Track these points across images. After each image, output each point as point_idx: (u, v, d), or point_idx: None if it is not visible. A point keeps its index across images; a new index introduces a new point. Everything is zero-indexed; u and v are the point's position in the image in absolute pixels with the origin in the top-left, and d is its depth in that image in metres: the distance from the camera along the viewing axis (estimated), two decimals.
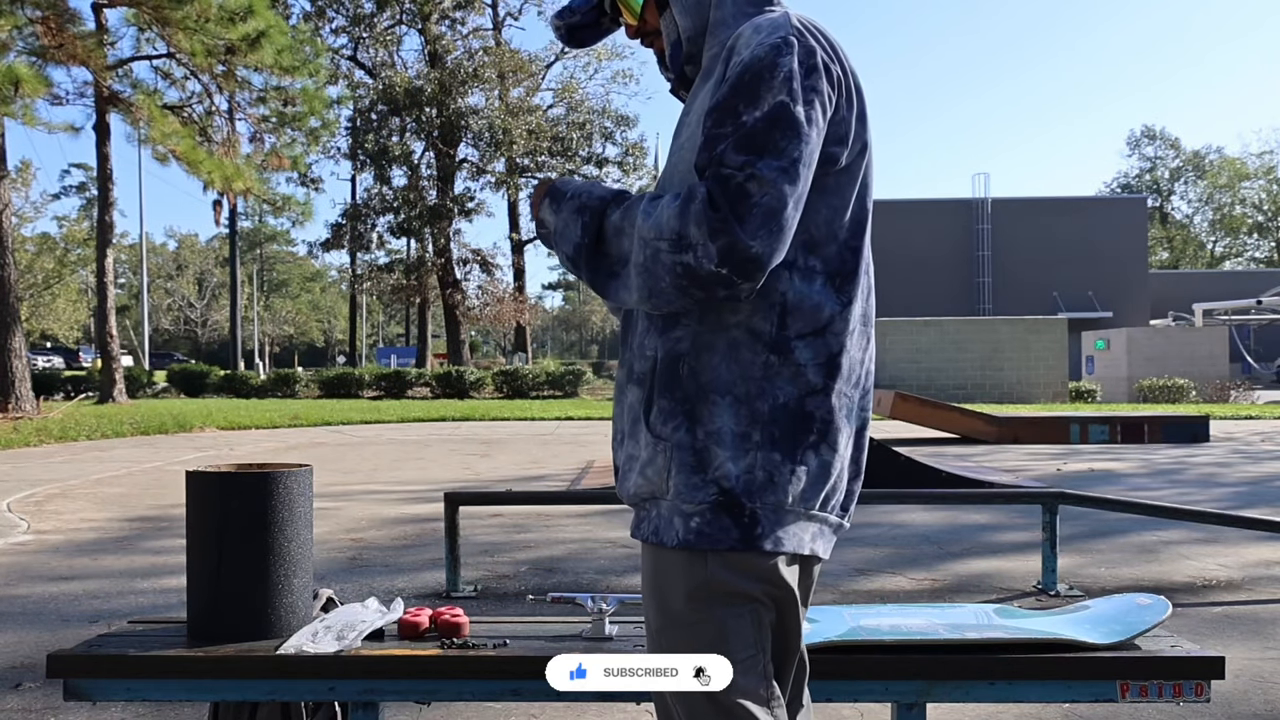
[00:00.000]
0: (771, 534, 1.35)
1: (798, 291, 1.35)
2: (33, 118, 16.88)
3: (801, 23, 1.35)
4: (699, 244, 1.24)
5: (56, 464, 10.83)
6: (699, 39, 1.47)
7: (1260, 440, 13.44)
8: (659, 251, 1.27)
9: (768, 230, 1.24)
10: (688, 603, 1.37)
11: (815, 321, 1.36)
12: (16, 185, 42.15)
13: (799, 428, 1.35)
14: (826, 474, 1.38)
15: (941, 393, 24.86)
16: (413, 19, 36.03)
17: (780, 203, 1.24)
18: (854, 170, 1.38)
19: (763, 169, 1.25)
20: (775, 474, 1.34)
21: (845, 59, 1.39)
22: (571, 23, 1.63)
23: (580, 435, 15.17)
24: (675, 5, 1.47)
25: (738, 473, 1.34)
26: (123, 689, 1.95)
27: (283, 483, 2.03)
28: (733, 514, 1.34)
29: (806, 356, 1.36)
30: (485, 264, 36.85)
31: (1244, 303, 37.23)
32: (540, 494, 4.71)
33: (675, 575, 1.38)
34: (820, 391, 1.36)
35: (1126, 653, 1.93)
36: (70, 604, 4.48)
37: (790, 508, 1.35)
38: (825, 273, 1.37)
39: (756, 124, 1.27)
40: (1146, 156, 74.56)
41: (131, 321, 60.70)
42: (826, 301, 1.37)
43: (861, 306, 1.42)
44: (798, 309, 1.35)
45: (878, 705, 3.03)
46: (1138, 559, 5.38)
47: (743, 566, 1.36)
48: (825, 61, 1.33)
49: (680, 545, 1.36)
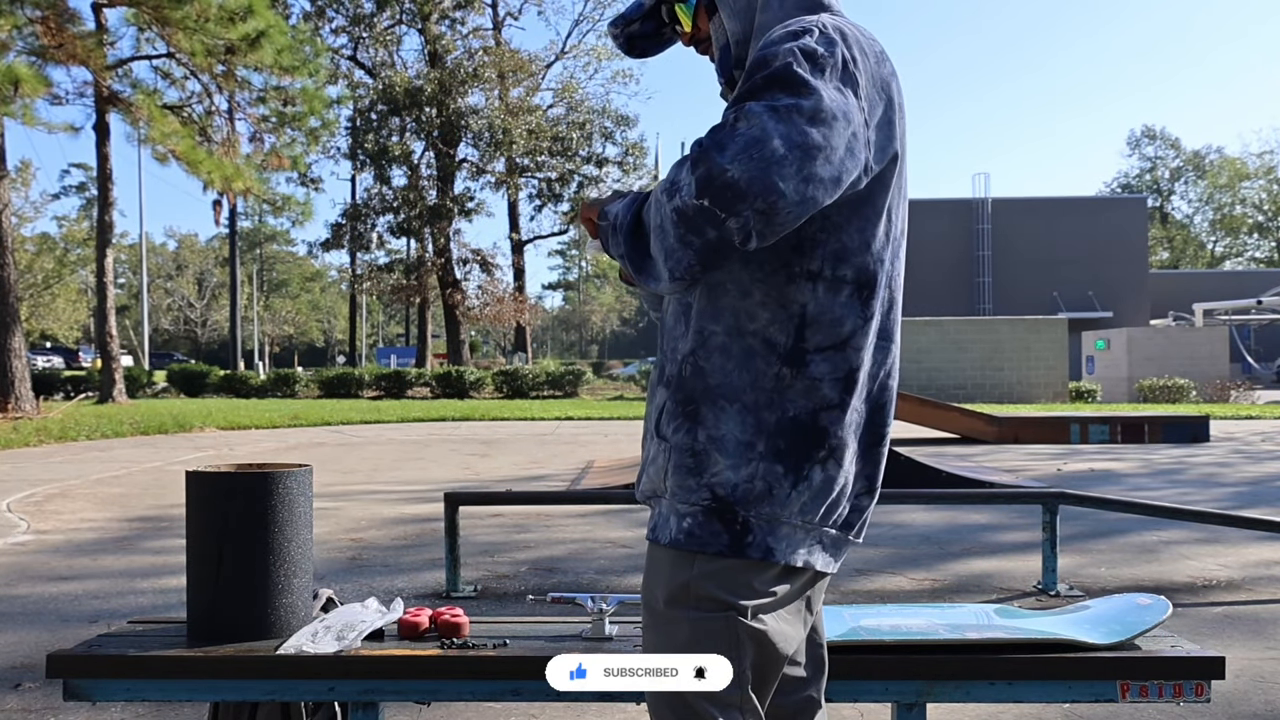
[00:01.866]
0: (762, 543, 1.34)
1: (820, 304, 1.34)
2: (33, 118, 16.89)
3: (832, 23, 1.33)
4: (685, 182, 1.21)
5: (56, 464, 10.83)
6: (747, 43, 1.45)
7: (1260, 440, 13.44)
8: (662, 203, 1.25)
9: (746, 156, 1.17)
10: (666, 603, 1.38)
11: (836, 335, 1.34)
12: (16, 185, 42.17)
13: (809, 442, 1.34)
14: (829, 488, 1.36)
15: (941, 393, 24.87)
16: (413, 19, 36.03)
17: (763, 136, 1.18)
18: (885, 179, 1.36)
19: (751, 106, 1.21)
20: (775, 486, 1.33)
21: (883, 65, 1.35)
22: (631, 31, 1.62)
23: (580, 435, 15.17)
24: (724, 9, 1.46)
25: (736, 481, 1.33)
26: (123, 689, 1.95)
27: (283, 483, 2.03)
28: (724, 520, 1.34)
29: (823, 370, 1.34)
30: (485, 264, 36.85)
31: (1244, 303, 37.24)
32: (540, 494, 4.71)
33: (661, 573, 1.39)
34: (836, 407, 1.35)
35: (1126, 653, 1.93)
36: (70, 604, 4.48)
37: (786, 520, 1.35)
38: (854, 283, 1.35)
39: (755, 81, 1.25)
40: (1147, 156, 74.58)
41: (131, 321, 60.70)
42: (849, 315, 1.35)
43: (880, 320, 1.40)
44: (817, 321, 1.34)
45: (878, 705, 3.03)
46: (1138, 559, 5.38)
47: (728, 573, 1.35)
48: (848, 56, 1.29)
49: (670, 544, 1.37)
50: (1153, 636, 2.04)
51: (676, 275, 1.27)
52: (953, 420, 13.86)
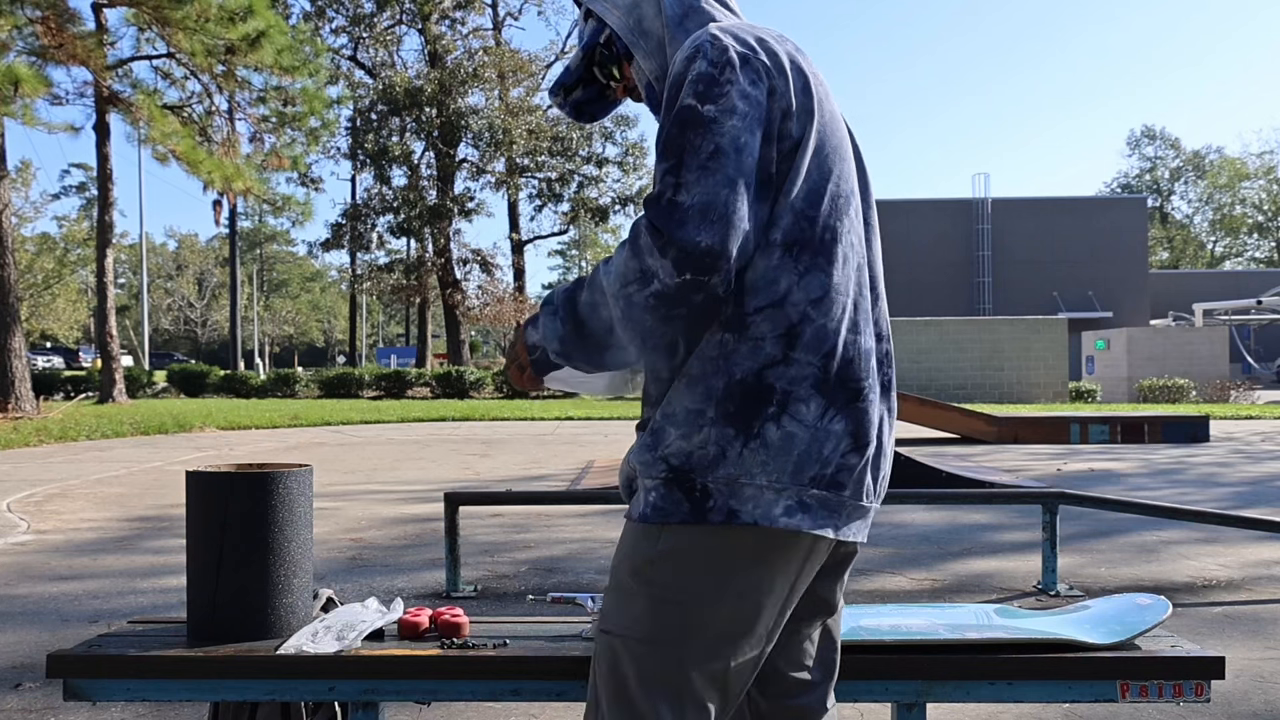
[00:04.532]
0: (724, 506, 1.35)
1: (754, 268, 1.37)
2: (33, 118, 16.89)
3: (718, 30, 1.40)
4: (657, 268, 1.28)
5: (56, 464, 10.83)
6: (664, 78, 1.52)
7: (1260, 440, 13.45)
8: (630, 296, 1.31)
9: (708, 223, 1.27)
10: (630, 574, 1.41)
11: (772, 295, 1.37)
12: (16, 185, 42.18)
13: (758, 400, 1.35)
14: (790, 444, 1.35)
15: (941, 393, 24.88)
16: (413, 19, 36.05)
17: (711, 196, 1.28)
18: (803, 141, 1.40)
19: (684, 175, 1.29)
20: (728, 448, 1.35)
21: (776, 44, 1.42)
22: (575, 99, 1.68)
23: (580, 435, 15.17)
24: (638, 52, 1.53)
25: (689, 449, 1.36)
26: (123, 689, 1.95)
27: (283, 483, 2.03)
28: (684, 488, 1.36)
29: (764, 329, 1.37)
30: (485, 264, 36.86)
31: (1244, 303, 37.27)
32: (540, 494, 4.70)
33: (627, 546, 1.43)
34: (780, 362, 1.36)
35: (1126, 653, 1.93)
36: (70, 604, 4.48)
37: (747, 481, 1.35)
38: (783, 244, 1.38)
39: (670, 133, 1.33)
40: (1146, 156, 74.62)
41: (131, 321, 60.73)
42: (783, 274, 1.38)
43: (839, 274, 1.41)
44: (754, 285, 1.37)
45: (878, 705, 3.04)
46: (1138, 559, 5.38)
47: (692, 551, 1.36)
48: (741, 53, 1.36)
49: (639, 519, 1.40)
50: (1153, 636, 2.04)
51: (658, 348, 1.37)
52: (953, 420, 13.86)
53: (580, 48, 1.65)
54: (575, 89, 1.68)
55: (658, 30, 1.51)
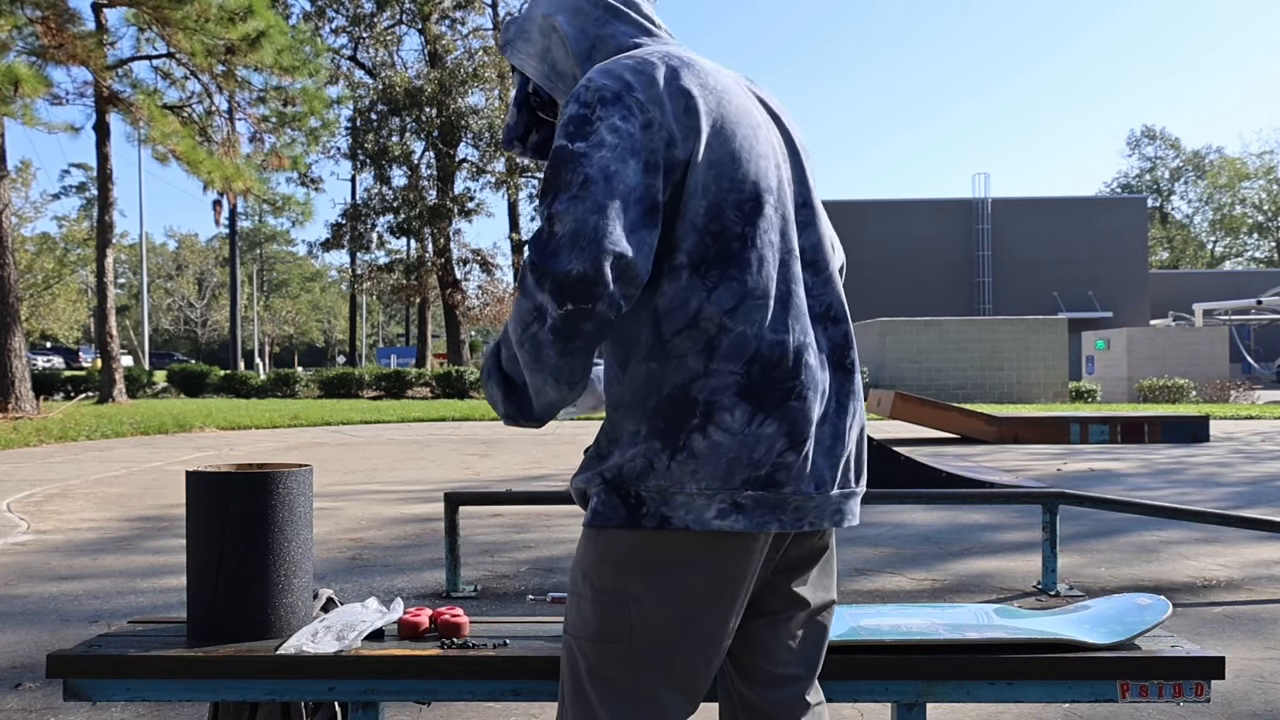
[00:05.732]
0: (656, 513, 1.38)
1: (665, 295, 1.40)
2: (33, 118, 16.88)
3: (598, 70, 1.42)
4: (543, 304, 1.31)
5: (56, 464, 10.83)
6: None
7: (1260, 440, 13.45)
8: (536, 336, 1.33)
9: (578, 249, 1.29)
10: (579, 579, 1.46)
11: (685, 316, 1.39)
12: (16, 185, 42.20)
13: (682, 413, 1.38)
14: (718, 453, 1.37)
15: (941, 393, 24.89)
16: (413, 19, 36.04)
17: (580, 224, 1.30)
18: (691, 162, 1.40)
19: (556, 207, 1.32)
20: (655, 460, 1.38)
21: (659, 73, 1.42)
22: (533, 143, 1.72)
23: (580, 435, 15.17)
24: (559, 95, 1.59)
25: (621, 462, 1.40)
26: (123, 689, 1.95)
27: (283, 483, 2.03)
28: (620, 494, 1.40)
29: (685, 347, 1.39)
30: (485, 264, 36.86)
31: (1244, 303, 37.27)
32: (540, 494, 4.70)
33: (579, 551, 1.48)
34: (702, 375, 1.39)
35: (1126, 653, 1.93)
36: (70, 604, 4.48)
37: (677, 491, 1.37)
38: (689, 265, 1.40)
39: (546, 174, 1.36)
40: (1146, 156, 74.62)
41: (131, 321, 60.74)
42: (692, 294, 1.40)
43: (754, 279, 1.41)
44: (668, 311, 1.40)
45: (878, 705, 3.04)
46: (1138, 559, 5.38)
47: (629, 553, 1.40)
48: (614, 92, 1.38)
49: (588, 525, 1.45)
50: (1153, 636, 2.04)
51: (572, 382, 1.39)
52: (953, 420, 13.86)
53: (513, 103, 1.71)
54: (529, 134, 1.72)
55: (570, 69, 1.56)
